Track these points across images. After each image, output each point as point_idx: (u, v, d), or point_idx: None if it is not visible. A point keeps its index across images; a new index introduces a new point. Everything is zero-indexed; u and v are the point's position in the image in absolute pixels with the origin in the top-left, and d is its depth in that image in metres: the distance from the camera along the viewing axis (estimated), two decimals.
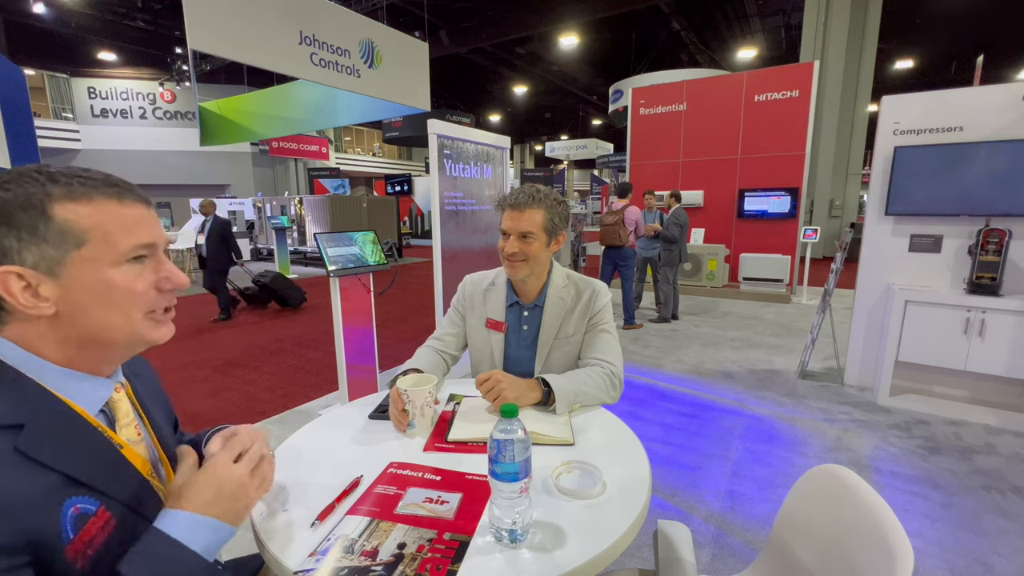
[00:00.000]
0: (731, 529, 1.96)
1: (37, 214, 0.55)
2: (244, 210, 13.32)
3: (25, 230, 0.54)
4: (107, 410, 0.66)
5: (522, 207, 1.28)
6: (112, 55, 15.31)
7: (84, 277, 0.57)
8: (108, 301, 0.59)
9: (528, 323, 1.39)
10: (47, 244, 0.55)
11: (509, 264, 1.32)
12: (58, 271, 0.56)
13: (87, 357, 0.62)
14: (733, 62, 15.78)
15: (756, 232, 7.29)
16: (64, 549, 0.53)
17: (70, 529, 0.54)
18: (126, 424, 0.68)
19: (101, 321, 0.59)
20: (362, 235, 2.93)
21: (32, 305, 0.55)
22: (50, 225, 0.55)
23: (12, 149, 2.56)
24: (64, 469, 0.55)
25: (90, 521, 0.56)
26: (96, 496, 0.58)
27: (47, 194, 0.55)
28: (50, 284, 0.56)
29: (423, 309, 6.37)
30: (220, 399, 3.45)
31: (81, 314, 0.58)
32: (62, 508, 0.54)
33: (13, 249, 0.54)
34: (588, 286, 1.39)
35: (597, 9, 11.52)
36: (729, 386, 3.51)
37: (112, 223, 0.58)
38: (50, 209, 0.55)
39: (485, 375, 1.18)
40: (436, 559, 0.70)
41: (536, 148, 30.23)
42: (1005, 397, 2.99)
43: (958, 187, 2.96)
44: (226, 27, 3.00)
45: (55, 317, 0.57)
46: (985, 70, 3.75)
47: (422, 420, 1.07)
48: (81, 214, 0.56)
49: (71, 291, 0.57)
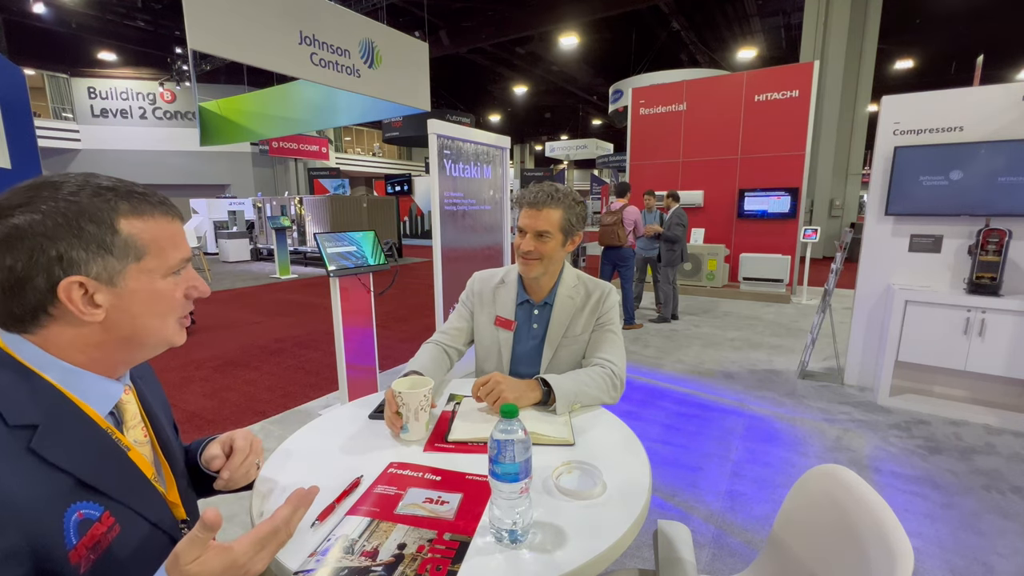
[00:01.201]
0: (731, 529, 1.96)
1: (106, 228, 0.58)
2: (244, 210, 13.32)
3: (94, 242, 0.57)
4: (115, 412, 0.67)
5: (540, 206, 1.28)
6: (112, 55, 15.31)
7: (137, 287, 0.61)
8: (154, 309, 0.63)
9: (538, 321, 1.40)
10: (112, 257, 0.58)
11: (524, 262, 1.33)
12: (116, 281, 0.59)
13: (111, 359, 0.64)
14: (733, 62, 15.78)
15: (756, 232, 7.29)
16: (67, 555, 0.53)
17: (73, 535, 0.54)
18: (133, 426, 0.69)
19: (143, 326, 0.63)
20: (362, 235, 2.93)
21: (88, 313, 0.58)
22: (116, 238, 0.59)
23: (12, 149, 2.56)
24: (75, 471, 0.56)
25: (94, 527, 0.56)
26: (102, 501, 0.58)
27: (115, 209, 0.59)
28: (105, 292, 0.59)
29: (423, 309, 6.37)
30: (220, 399, 3.45)
31: (127, 320, 0.61)
32: (65, 514, 0.54)
33: (80, 260, 0.57)
34: (598, 287, 1.40)
35: (597, 9, 11.52)
36: (729, 386, 3.51)
37: (166, 239, 0.63)
38: (118, 224, 0.59)
39: (483, 379, 1.19)
40: (436, 559, 0.70)
41: (536, 148, 30.23)
42: (1005, 397, 2.99)
43: (958, 187, 2.97)
44: (226, 27, 3.00)
45: (100, 323, 0.60)
46: (985, 70, 3.75)
47: (416, 424, 1.05)
48: (143, 229, 0.61)
49: (123, 300, 0.60)
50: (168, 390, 3.60)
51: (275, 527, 0.60)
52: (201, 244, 10.31)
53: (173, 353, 4.50)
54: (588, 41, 14.52)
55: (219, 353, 4.54)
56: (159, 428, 0.75)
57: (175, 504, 0.71)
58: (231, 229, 12.52)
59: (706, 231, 7.58)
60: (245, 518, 1.91)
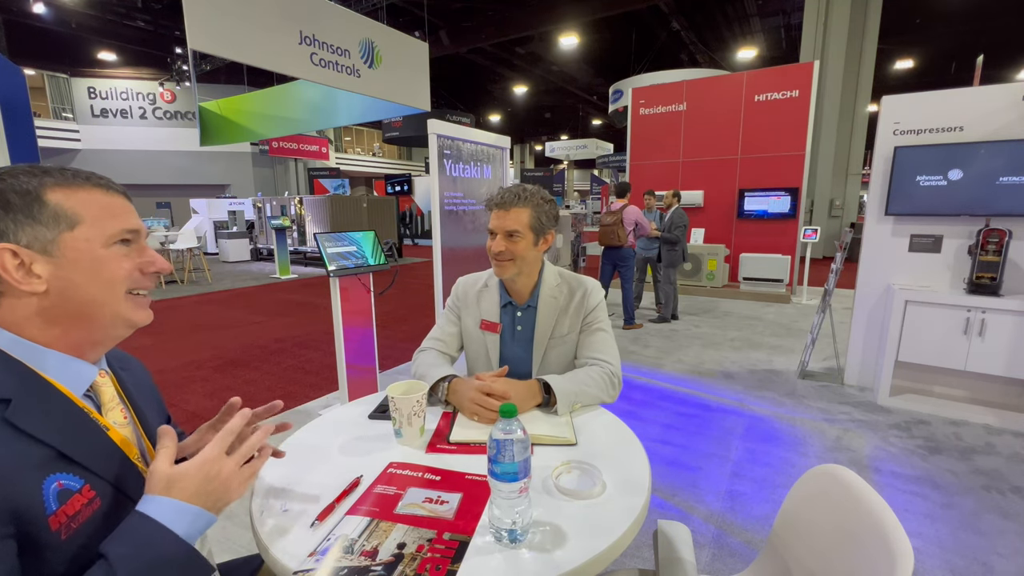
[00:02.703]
0: (731, 529, 1.96)
1: (32, 199, 0.59)
2: (244, 210, 13.32)
3: (21, 212, 0.59)
4: (92, 395, 0.68)
5: (508, 206, 1.29)
6: (112, 55, 15.30)
7: (76, 256, 0.62)
8: (97, 278, 0.63)
9: (522, 323, 1.39)
10: (41, 225, 0.60)
11: (497, 263, 1.32)
12: (51, 250, 0.60)
13: (72, 337, 0.65)
14: (733, 62, 15.78)
15: (756, 232, 7.29)
16: (48, 519, 0.54)
17: (53, 501, 0.56)
18: (112, 408, 0.70)
19: (89, 297, 0.63)
20: (362, 235, 2.93)
21: (25, 281, 0.59)
22: (44, 208, 0.60)
23: (12, 149, 2.56)
24: (51, 442, 0.58)
25: (74, 497, 0.58)
26: (81, 473, 0.60)
27: (42, 183, 0.60)
28: (43, 262, 0.60)
29: (423, 309, 6.37)
30: (220, 399, 3.45)
31: (71, 290, 0.62)
32: (44, 483, 0.56)
33: (9, 230, 0.58)
34: (580, 284, 1.39)
35: (597, 9, 11.52)
36: (729, 386, 3.51)
37: (100, 208, 0.64)
38: (44, 195, 0.60)
39: (486, 387, 1.16)
40: (436, 559, 0.70)
41: (536, 148, 30.24)
42: (1005, 397, 2.98)
43: (958, 187, 2.96)
44: (226, 27, 3.00)
45: (45, 295, 0.61)
46: (985, 70, 3.75)
47: (409, 429, 1.04)
48: (71, 198, 0.62)
49: (63, 269, 0.61)
50: (168, 390, 3.60)
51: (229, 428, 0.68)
52: (201, 244, 10.29)
53: (173, 353, 4.51)
54: (588, 41, 14.53)
55: (219, 353, 4.54)
56: (142, 415, 0.76)
57: None
58: (231, 229, 12.51)
59: (706, 231, 7.58)
60: (245, 518, 1.91)
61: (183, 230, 10.55)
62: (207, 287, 8.30)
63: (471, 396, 1.16)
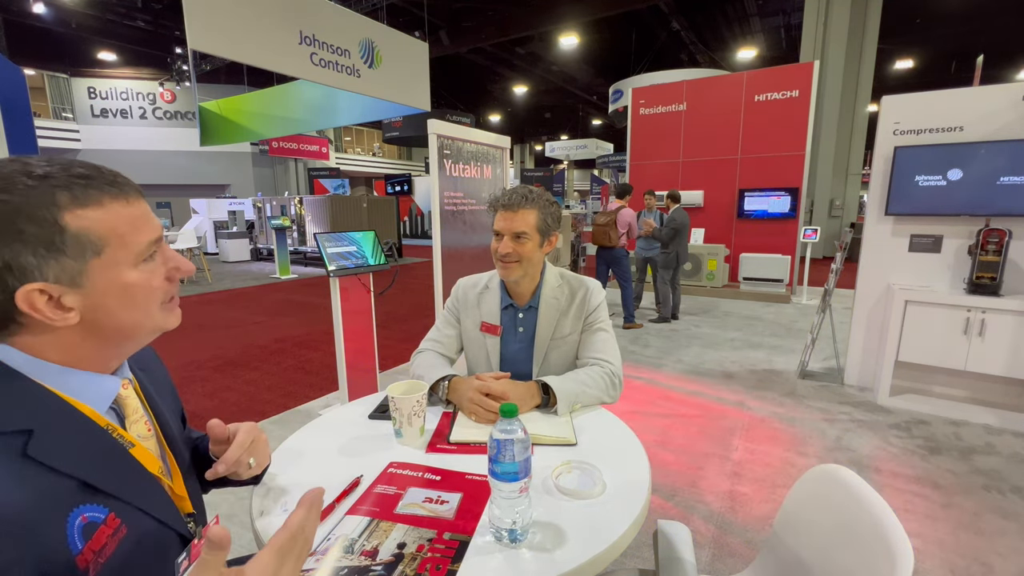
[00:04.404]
0: (731, 529, 1.96)
1: (50, 227, 0.52)
2: (244, 210, 13.32)
3: (42, 245, 0.52)
4: (116, 407, 0.65)
5: (515, 207, 1.28)
6: (112, 55, 15.31)
7: (106, 283, 0.57)
8: (131, 302, 0.59)
9: (524, 325, 1.39)
10: (66, 256, 0.53)
11: (503, 265, 1.31)
12: (80, 281, 0.55)
13: (103, 355, 0.61)
14: (733, 62, 15.78)
15: (756, 232, 7.29)
16: (75, 560, 0.51)
17: (79, 540, 0.52)
18: (136, 420, 0.67)
19: (125, 320, 0.60)
20: (362, 235, 2.93)
21: (59, 317, 0.55)
22: (66, 237, 0.53)
23: (12, 149, 2.56)
24: (76, 473, 0.54)
25: (99, 530, 0.54)
26: (106, 502, 0.56)
27: (56, 203, 0.53)
28: (73, 294, 0.55)
29: (423, 309, 6.37)
30: (220, 399, 3.45)
31: (106, 317, 0.58)
32: (69, 518, 0.52)
33: (32, 266, 0.52)
34: (581, 285, 1.39)
35: (597, 9, 11.52)
36: (729, 386, 3.51)
37: (124, 225, 0.57)
38: (62, 219, 0.53)
39: (485, 387, 1.17)
40: (436, 559, 0.70)
41: (536, 148, 30.21)
42: (1005, 397, 2.98)
43: (958, 187, 2.96)
44: (226, 27, 3.00)
45: (79, 324, 0.56)
46: (985, 70, 3.75)
47: (409, 429, 1.04)
48: (94, 220, 0.55)
49: (94, 298, 0.56)
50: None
51: (291, 534, 0.53)
52: (201, 244, 10.29)
53: (173, 353, 4.50)
54: (588, 41, 14.52)
55: (219, 353, 4.54)
56: (164, 421, 0.74)
57: (181, 497, 0.70)
58: (231, 229, 12.51)
59: (706, 231, 7.58)
60: (245, 518, 1.91)
61: (183, 230, 10.55)
62: (207, 287, 8.30)
63: (470, 396, 1.16)
